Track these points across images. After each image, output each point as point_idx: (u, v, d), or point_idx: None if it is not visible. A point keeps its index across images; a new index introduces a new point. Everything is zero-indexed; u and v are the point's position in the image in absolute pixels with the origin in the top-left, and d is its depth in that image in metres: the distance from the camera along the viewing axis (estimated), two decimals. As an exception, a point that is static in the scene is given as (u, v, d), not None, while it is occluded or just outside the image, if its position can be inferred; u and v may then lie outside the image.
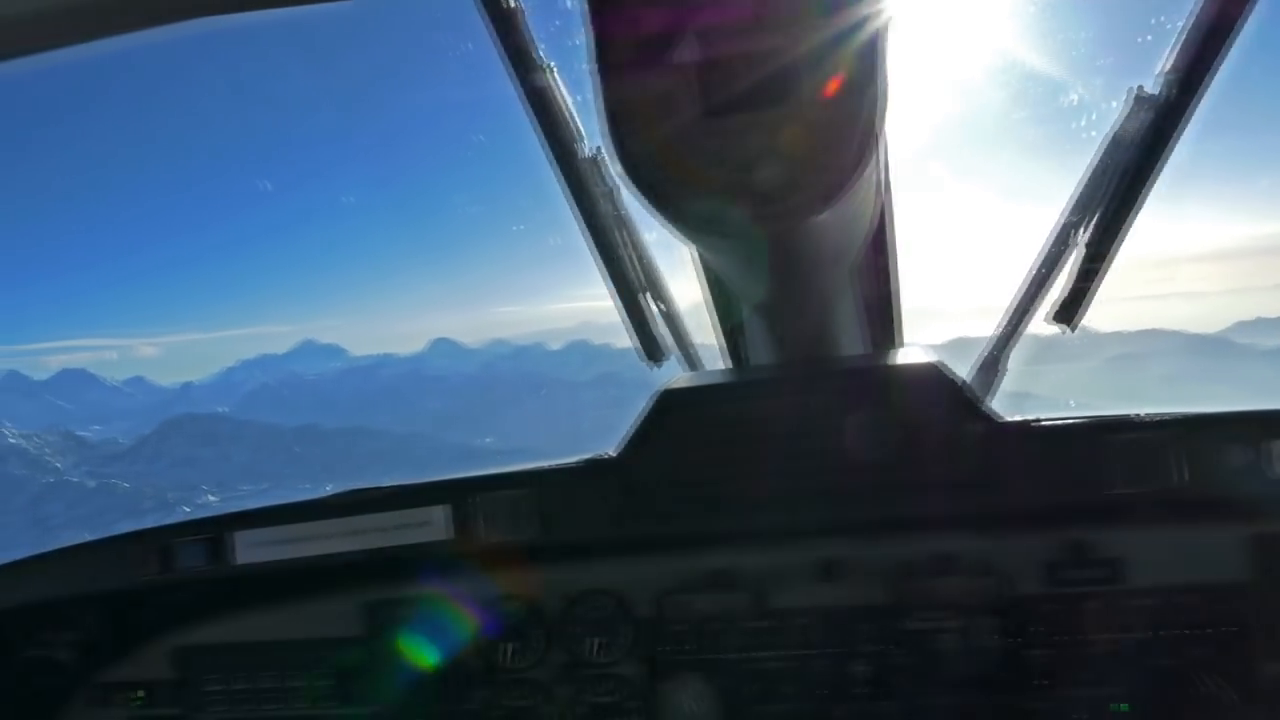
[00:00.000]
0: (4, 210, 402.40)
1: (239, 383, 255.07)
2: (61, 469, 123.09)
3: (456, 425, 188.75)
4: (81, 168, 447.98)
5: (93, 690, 2.96)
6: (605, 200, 2.45)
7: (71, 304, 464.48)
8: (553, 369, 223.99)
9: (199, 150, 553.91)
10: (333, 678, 2.81)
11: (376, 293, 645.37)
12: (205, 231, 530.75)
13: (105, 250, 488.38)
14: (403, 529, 2.47)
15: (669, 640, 2.59)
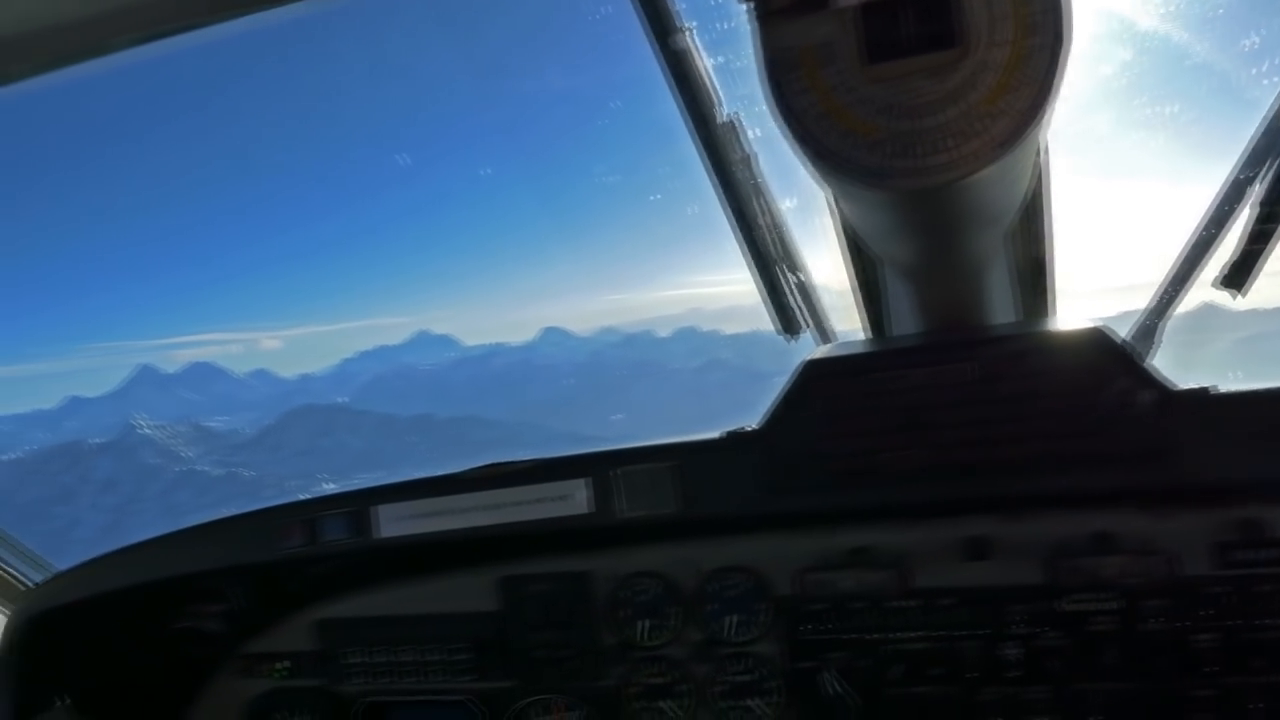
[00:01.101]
0: (136, 207, 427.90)
1: (356, 374, 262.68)
2: (190, 458, 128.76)
3: (566, 413, 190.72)
4: (208, 162, 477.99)
5: (240, 660, 3.05)
6: (742, 168, 2.39)
7: (200, 298, 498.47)
8: (661, 356, 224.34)
9: (317, 146, 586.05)
10: (469, 651, 2.84)
11: (488, 283, 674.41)
12: (326, 225, 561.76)
13: (232, 244, 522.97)
14: (542, 503, 2.46)
15: (808, 619, 2.53)
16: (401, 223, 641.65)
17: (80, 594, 2.78)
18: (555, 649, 2.77)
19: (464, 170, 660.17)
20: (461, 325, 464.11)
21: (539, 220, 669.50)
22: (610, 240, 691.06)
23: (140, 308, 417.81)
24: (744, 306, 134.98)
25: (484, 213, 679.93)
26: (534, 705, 2.82)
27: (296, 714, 3.01)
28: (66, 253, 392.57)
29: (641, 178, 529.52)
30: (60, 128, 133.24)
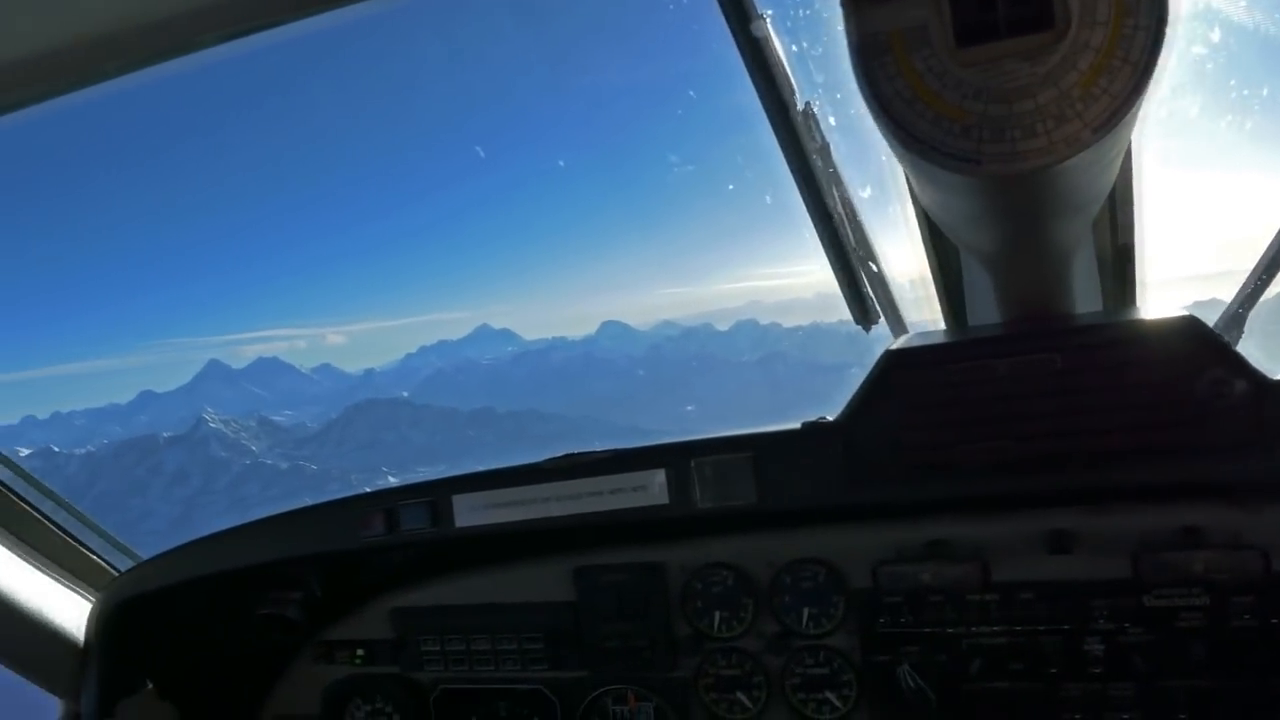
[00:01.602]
0: (206, 203, 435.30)
1: (417, 368, 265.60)
2: (257, 452, 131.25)
3: (625, 407, 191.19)
4: (277, 157, 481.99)
5: (318, 647, 3.11)
6: (818, 156, 2.37)
7: (266, 294, 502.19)
8: (720, 349, 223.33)
9: (385, 141, 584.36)
10: (543, 641, 2.86)
11: (548, 277, 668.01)
12: (390, 220, 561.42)
13: (298, 240, 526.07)
14: (618, 493, 2.47)
15: (884, 612, 2.51)
16: (471, 215, 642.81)
17: (165, 581, 2.85)
18: (628, 639, 2.78)
19: (539, 161, 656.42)
20: (521, 319, 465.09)
21: (609, 211, 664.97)
22: (675, 231, 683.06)
23: (209, 303, 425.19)
24: (804, 299, 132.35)
25: (556, 204, 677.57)
26: (607, 695, 2.83)
27: (373, 700, 3.06)
28: (141, 250, 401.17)
29: (713, 167, 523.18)
30: (137, 126, 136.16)
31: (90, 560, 2.90)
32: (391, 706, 3.04)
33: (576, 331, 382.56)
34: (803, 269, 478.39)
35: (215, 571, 2.83)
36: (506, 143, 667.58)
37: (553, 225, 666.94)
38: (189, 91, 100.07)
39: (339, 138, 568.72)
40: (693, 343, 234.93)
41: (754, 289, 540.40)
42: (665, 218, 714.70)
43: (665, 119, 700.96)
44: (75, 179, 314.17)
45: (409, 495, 2.64)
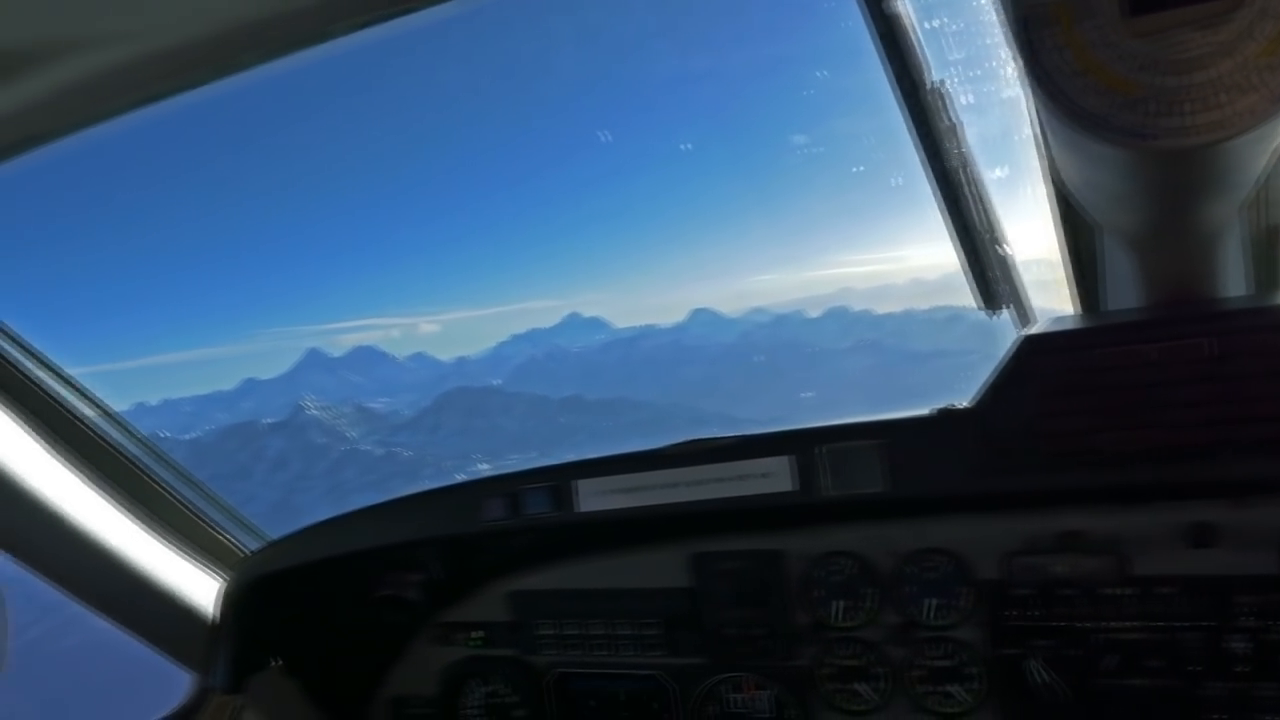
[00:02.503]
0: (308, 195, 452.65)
1: (509, 356, 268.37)
2: (354, 438, 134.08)
3: (716, 394, 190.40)
4: (368, 153, 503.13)
5: (435, 629, 3.16)
6: (948, 136, 2.30)
7: (365, 285, 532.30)
8: (811, 337, 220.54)
9: (462, 131, 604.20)
10: (660, 627, 2.86)
11: (639, 265, 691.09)
12: (483, 209, 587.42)
13: (396, 230, 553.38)
14: (743, 480, 2.44)
15: (1013, 604, 2.44)
16: (581, 201, 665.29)
17: (291, 561, 2.92)
18: (746, 627, 2.76)
19: (663, 146, 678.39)
20: (612, 308, 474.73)
21: (722, 195, 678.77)
22: (775, 216, 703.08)
23: (309, 294, 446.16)
24: (896, 285, 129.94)
25: (673, 190, 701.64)
26: (724, 682, 2.82)
27: (489, 682, 3.11)
28: (246, 241, 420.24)
29: (836, 150, 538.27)
30: (240, 122, 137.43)
31: (220, 540, 2.99)
32: (508, 689, 3.08)
33: (667, 319, 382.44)
34: (895, 255, 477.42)
35: (339, 553, 2.90)
36: (632, 128, 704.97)
37: (662, 211, 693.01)
38: (293, 81, 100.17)
39: (443, 127, 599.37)
40: (783, 329, 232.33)
41: (846, 275, 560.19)
42: (767, 202, 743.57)
43: (795, 100, 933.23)
44: (181, 174, 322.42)
45: (531, 480, 2.66)
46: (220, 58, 2.06)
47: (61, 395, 2.55)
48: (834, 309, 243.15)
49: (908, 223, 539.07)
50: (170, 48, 1.93)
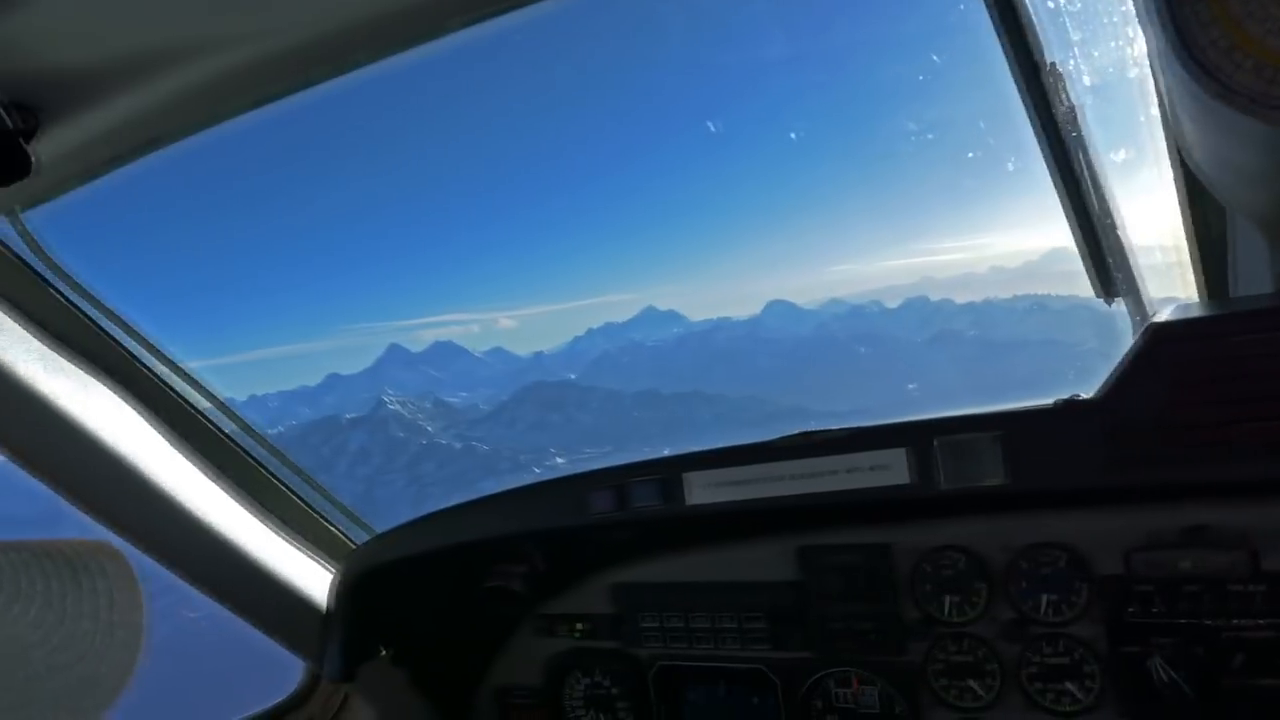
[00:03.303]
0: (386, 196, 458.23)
1: (584, 350, 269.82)
2: (432, 432, 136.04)
3: (792, 387, 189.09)
4: (451, 150, 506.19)
5: (539, 620, 3.19)
6: (1068, 120, 2.24)
7: (444, 281, 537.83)
8: (889, 328, 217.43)
9: (539, 127, 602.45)
10: (765, 620, 2.84)
11: (715, 258, 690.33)
12: (559, 203, 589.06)
13: (476, 226, 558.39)
14: (855, 472, 2.41)
15: (1134, 601, 2.37)
16: (664, 193, 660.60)
17: (400, 553, 2.97)
18: (853, 621, 2.73)
19: (772, 133, 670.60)
20: (687, 300, 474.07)
21: (798, 184, 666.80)
22: (853, 207, 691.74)
23: (392, 290, 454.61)
24: (977, 274, 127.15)
25: (751, 180, 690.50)
26: (831, 677, 2.79)
27: (592, 673, 3.12)
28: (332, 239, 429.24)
29: (919, 137, 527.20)
30: (331, 121, 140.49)
31: (331, 532, 3.06)
32: (610, 681, 3.10)
33: (742, 311, 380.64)
34: (976, 243, 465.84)
35: (445, 545, 2.93)
36: (741, 118, 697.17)
37: (740, 202, 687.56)
38: (387, 80, 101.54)
39: (520, 123, 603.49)
40: (861, 321, 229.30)
41: (925, 264, 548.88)
42: (846, 191, 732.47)
43: (888, 85, 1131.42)
44: (267, 173, 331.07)
45: (639, 472, 2.66)
46: (333, 58, 2.09)
47: (183, 390, 2.62)
48: (913, 299, 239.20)
49: (990, 210, 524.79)
50: (283, 50, 1.96)
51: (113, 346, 2.47)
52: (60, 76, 1.73)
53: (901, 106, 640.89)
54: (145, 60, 1.80)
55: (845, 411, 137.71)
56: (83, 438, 2.32)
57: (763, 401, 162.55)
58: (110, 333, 2.45)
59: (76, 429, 2.30)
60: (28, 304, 2.28)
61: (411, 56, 2.19)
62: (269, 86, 2.12)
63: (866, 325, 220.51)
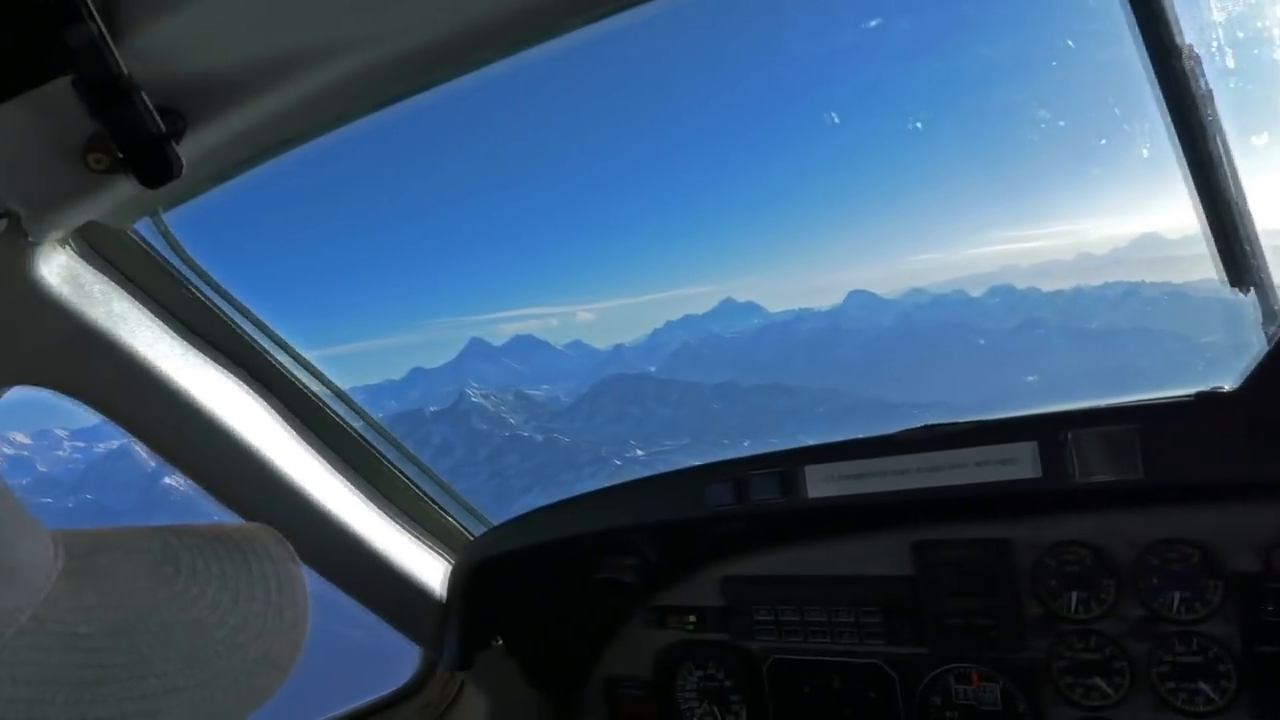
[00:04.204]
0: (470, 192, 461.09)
1: (663, 343, 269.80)
2: (514, 424, 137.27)
3: (872, 379, 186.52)
4: (539, 146, 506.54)
5: (649, 612, 3.21)
6: (1203, 104, 2.17)
7: (525, 275, 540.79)
8: (973, 317, 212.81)
9: (619, 121, 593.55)
10: (880, 615, 2.81)
11: (795, 249, 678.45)
12: (640, 195, 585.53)
13: (555, 221, 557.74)
14: (981, 466, 2.37)
15: (1272, 599, 2.30)
16: (744, 184, 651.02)
17: (514, 545, 3.01)
18: (972, 617, 2.69)
19: (816, 126, 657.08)
20: (767, 292, 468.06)
21: (878, 173, 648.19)
22: (936, 194, 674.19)
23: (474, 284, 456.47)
24: (1063, 261, 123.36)
25: (831, 170, 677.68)
26: (949, 673, 2.76)
27: (704, 666, 3.13)
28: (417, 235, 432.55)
29: (999, 122, 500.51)
30: (422, 118, 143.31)
31: (447, 524, 3.11)
32: (723, 673, 3.10)
33: (822, 302, 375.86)
34: (1063, 229, 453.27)
35: (560, 538, 2.97)
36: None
37: (820, 192, 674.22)
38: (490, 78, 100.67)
39: (599, 118, 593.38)
40: (943, 310, 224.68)
41: (1010, 253, 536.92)
42: (928, 179, 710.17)
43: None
44: (354, 169, 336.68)
45: (758, 465, 2.66)
46: (456, 58, 2.11)
47: (309, 383, 2.69)
48: (997, 287, 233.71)
49: (1075, 196, 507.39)
50: (410, 50, 1.99)
51: (245, 341, 2.54)
52: (203, 81, 1.79)
53: (969, 91, 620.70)
54: (282, 63, 1.84)
55: (928, 404, 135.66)
56: (220, 432, 2.40)
57: (843, 394, 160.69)
58: (242, 328, 2.53)
59: (213, 423, 2.39)
60: (170, 302, 2.36)
61: (525, 56, 2.21)
62: (395, 87, 2.16)
63: (949, 314, 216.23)
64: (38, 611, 0.76)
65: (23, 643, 0.73)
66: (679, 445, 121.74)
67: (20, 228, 1.93)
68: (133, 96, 1.70)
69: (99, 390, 2.26)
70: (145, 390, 2.26)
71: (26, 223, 1.92)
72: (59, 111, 1.70)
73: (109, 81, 1.64)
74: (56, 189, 1.89)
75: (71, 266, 2.12)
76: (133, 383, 2.25)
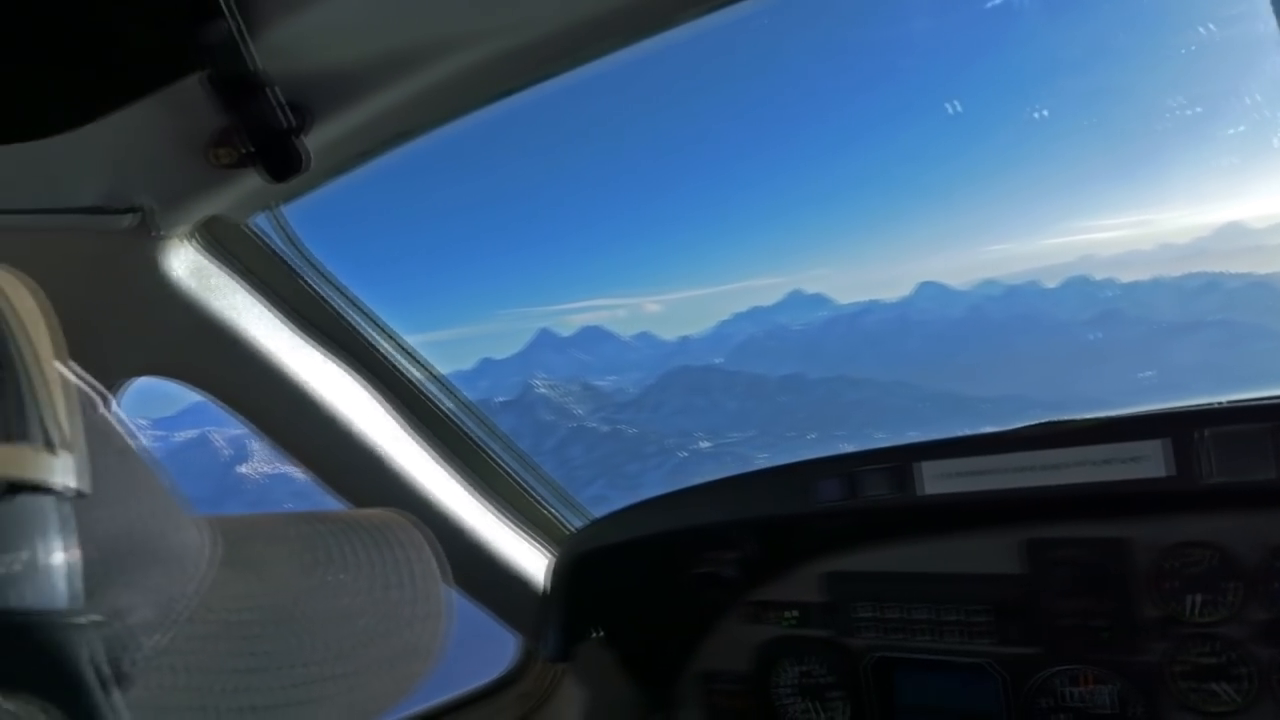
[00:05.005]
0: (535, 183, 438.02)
1: (730, 335, 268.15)
2: (580, 415, 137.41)
3: (942, 373, 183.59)
4: (598, 137, 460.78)
5: (747, 607, 3.18)
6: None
7: (593, 266, 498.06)
8: (1048, 308, 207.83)
9: (682, 114, 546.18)
10: (989, 614, 2.76)
11: (864, 238, 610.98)
12: (705, 187, 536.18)
13: (622, 212, 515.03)
14: (1107, 464, 2.31)
15: None
16: (812, 174, 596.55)
17: (615, 538, 3.01)
18: (1086, 618, 2.62)
19: (894, 113, 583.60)
20: (835, 283, 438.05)
21: (948, 164, 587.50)
22: (1010, 185, 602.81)
23: (543, 276, 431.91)
24: (1142, 251, 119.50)
25: (901, 162, 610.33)
26: (1060, 675, 2.69)
27: (804, 662, 3.09)
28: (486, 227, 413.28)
29: (1080, 107, 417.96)
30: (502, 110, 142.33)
31: (546, 515, 3.13)
32: (824, 670, 3.06)
33: (891, 294, 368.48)
34: (1142, 219, 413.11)
35: (661, 531, 2.96)
36: (872, 96, 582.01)
37: (890, 182, 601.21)
38: None
39: (678, 110, 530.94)
40: (1017, 301, 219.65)
41: (1086, 243, 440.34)
42: (1003, 169, 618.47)
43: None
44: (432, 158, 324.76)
45: (868, 461, 2.62)
46: (570, 51, 2.11)
47: (415, 375, 2.73)
48: (1073, 278, 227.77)
49: (1161, 183, 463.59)
50: (526, 43, 1.99)
51: (356, 333, 2.58)
52: (328, 75, 1.81)
53: (1039, 74, 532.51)
54: (405, 57, 1.86)
55: (998, 397, 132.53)
56: (332, 421, 2.45)
57: (912, 387, 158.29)
58: (352, 319, 2.56)
59: (327, 413, 2.44)
60: (285, 293, 2.41)
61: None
62: (510, 80, 2.16)
63: (1023, 306, 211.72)
64: (203, 599, 0.77)
65: (191, 630, 0.74)
66: (745, 437, 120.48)
67: (149, 222, 1.97)
68: (264, 92, 1.72)
69: (220, 381, 2.32)
70: (263, 381, 2.31)
71: (156, 217, 1.96)
72: (188, 107, 1.73)
73: (242, 77, 1.67)
74: (183, 184, 1.93)
75: (195, 260, 2.17)
76: (252, 373, 2.30)
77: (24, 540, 0.52)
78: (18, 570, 0.51)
